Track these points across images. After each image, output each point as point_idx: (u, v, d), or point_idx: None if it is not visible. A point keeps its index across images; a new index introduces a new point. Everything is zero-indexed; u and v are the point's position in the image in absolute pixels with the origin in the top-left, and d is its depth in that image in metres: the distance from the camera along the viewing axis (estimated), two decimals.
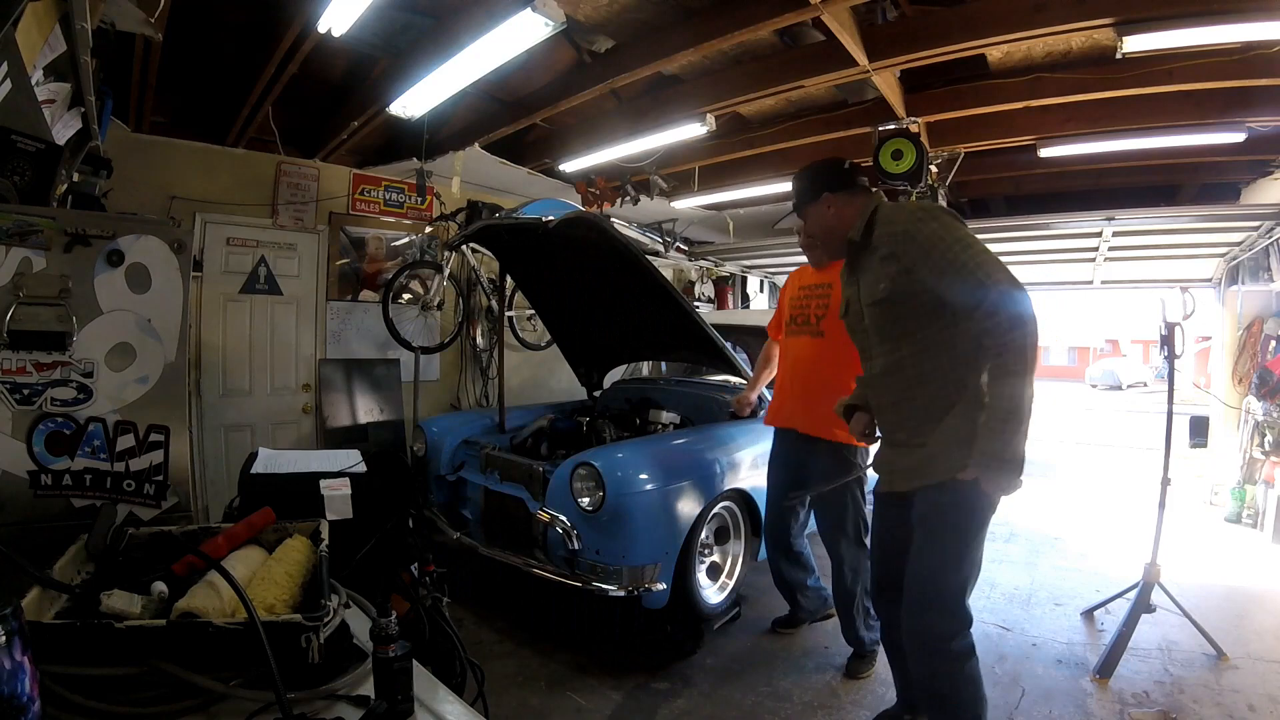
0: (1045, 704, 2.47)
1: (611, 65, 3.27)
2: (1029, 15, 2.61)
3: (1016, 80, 3.42)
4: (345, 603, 1.14)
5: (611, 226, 2.95)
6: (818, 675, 2.69)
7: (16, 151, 1.67)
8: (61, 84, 2.16)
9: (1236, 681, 2.63)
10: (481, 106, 4.00)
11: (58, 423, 1.44)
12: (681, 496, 2.73)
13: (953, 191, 4.66)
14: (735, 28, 2.74)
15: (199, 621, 0.92)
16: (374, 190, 4.76)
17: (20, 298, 1.40)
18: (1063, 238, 5.19)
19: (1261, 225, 4.32)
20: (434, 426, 3.59)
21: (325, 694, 0.91)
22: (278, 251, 4.33)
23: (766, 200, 5.61)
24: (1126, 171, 4.74)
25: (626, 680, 2.60)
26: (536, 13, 2.36)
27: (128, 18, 2.30)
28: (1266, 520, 4.66)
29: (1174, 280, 5.69)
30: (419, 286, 4.87)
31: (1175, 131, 3.66)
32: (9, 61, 1.59)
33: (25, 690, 0.69)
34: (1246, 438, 5.07)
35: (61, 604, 1.00)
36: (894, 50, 2.91)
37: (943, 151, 4.10)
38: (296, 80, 3.31)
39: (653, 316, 3.31)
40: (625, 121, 4.04)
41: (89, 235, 1.48)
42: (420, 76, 3.06)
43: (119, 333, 1.51)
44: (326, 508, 1.50)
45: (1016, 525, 5.03)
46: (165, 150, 3.86)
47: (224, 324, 4.11)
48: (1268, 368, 4.88)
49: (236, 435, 4.14)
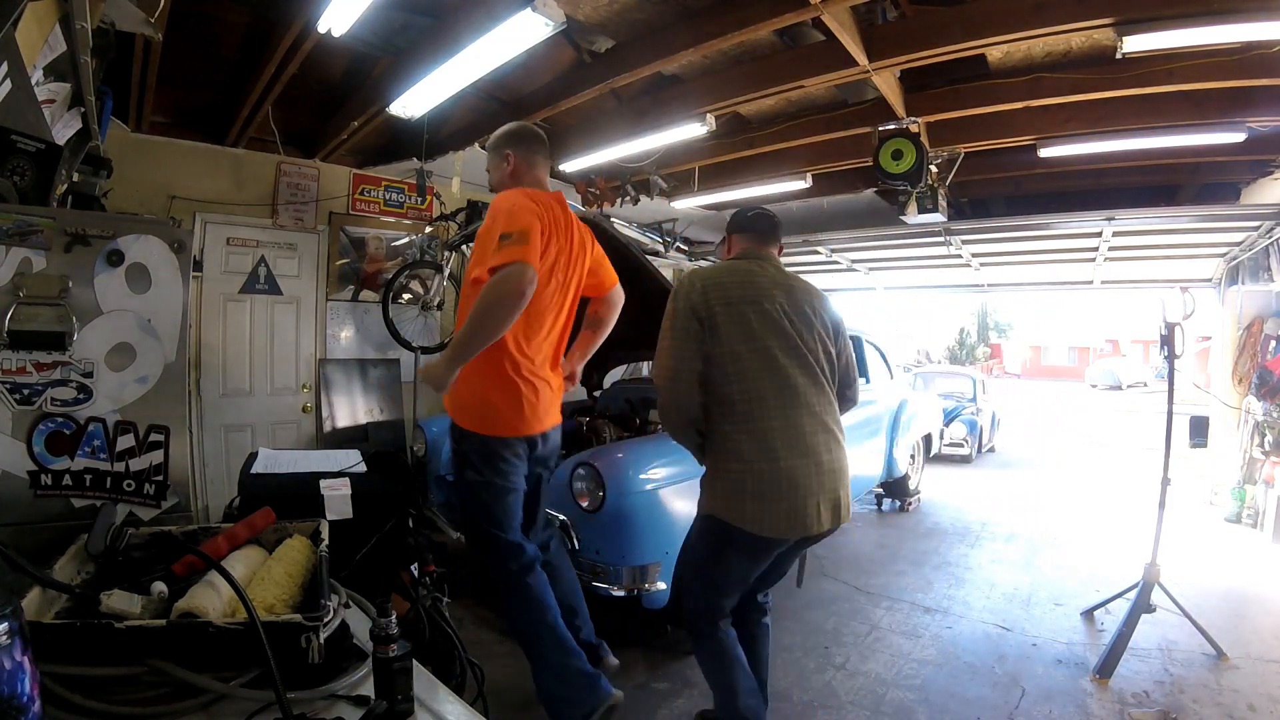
0: (1045, 704, 2.47)
1: (611, 65, 3.27)
2: (1029, 15, 2.61)
3: (1016, 80, 3.42)
4: (345, 603, 1.14)
5: (611, 226, 2.95)
6: (818, 675, 2.69)
7: (16, 151, 1.67)
8: (61, 84, 2.15)
9: (1236, 681, 2.63)
10: (481, 106, 3.99)
11: (58, 423, 1.44)
12: (681, 496, 2.73)
13: (953, 191, 4.66)
14: (735, 28, 2.74)
15: (199, 621, 0.92)
16: (374, 190, 4.76)
17: (20, 298, 1.40)
18: (1063, 238, 5.20)
19: (1261, 225, 4.33)
20: (434, 426, 3.59)
21: (325, 694, 0.91)
22: (278, 251, 4.33)
23: (766, 200, 5.61)
24: (1126, 171, 4.73)
25: (626, 680, 2.60)
26: (536, 13, 2.36)
27: (128, 18, 2.30)
28: (1266, 520, 4.66)
29: (1174, 280, 5.69)
30: (419, 286, 4.87)
31: (1175, 131, 3.65)
32: (9, 61, 1.59)
33: (25, 690, 0.69)
34: (1246, 438, 5.07)
35: (61, 604, 1.00)
36: (894, 50, 2.90)
37: (943, 151, 4.10)
38: (296, 80, 3.31)
39: (653, 316, 3.31)
40: (625, 121, 4.03)
41: (89, 235, 1.48)
42: (420, 76, 3.06)
43: (119, 333, 1.51)
44: (326, 508, 1.50)
45: (1016, 525, 5.04)
46: (165, 150, 3.86)
47: (224, 324, 4.11)
48: (1268, 368, 4.88)
49: (236, 435, 4.14)
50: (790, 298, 1.89)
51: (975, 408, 8.50)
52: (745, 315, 1.82)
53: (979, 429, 8.19)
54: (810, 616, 3.25)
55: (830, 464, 1.82)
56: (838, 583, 3.73)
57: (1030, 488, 6.65)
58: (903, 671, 2.72)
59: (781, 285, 1.92)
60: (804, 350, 1.84)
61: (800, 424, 1.79)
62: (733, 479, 1.78)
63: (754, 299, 1.84)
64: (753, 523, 1.75)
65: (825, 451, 1.81)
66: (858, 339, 4.91)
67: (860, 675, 2.69)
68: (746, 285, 1.87)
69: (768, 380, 1.79)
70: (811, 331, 1.88)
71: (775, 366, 1.79)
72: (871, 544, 4.50)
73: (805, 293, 1.96)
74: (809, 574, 3.83)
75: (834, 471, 1.83)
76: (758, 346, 1.80)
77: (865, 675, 2.69)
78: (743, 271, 1.92)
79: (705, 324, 1.80)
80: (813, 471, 1.77)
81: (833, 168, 4.70)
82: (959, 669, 2.75)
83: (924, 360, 25.61)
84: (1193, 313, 3.36)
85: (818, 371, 1.86)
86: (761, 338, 1.80)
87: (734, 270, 1.94)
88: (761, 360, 1.79)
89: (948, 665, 2.78)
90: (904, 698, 2.52)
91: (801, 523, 1.77)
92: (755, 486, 1.75)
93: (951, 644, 2.98)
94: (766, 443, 1.76)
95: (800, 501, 1.75)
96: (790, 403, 1.79)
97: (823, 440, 1.81)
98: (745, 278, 1.90)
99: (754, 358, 1.79)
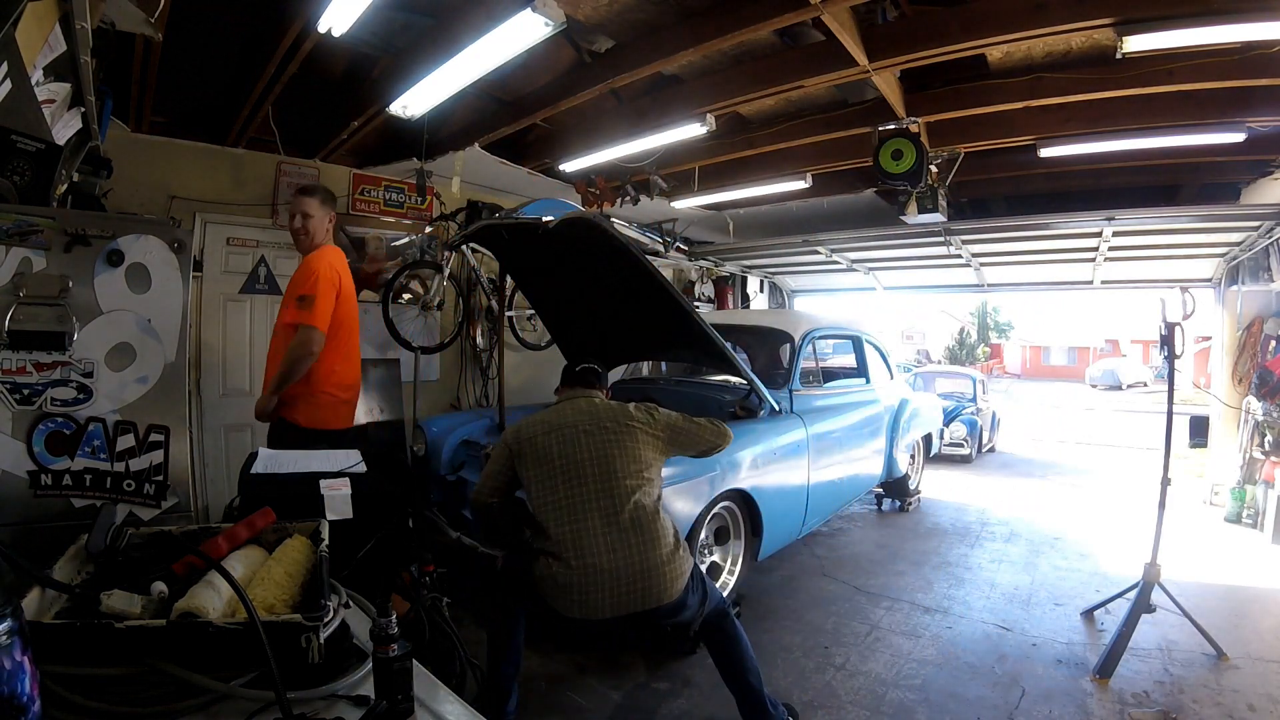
0: (1045, 704, 2.47)
1: (611, 65, 3.27)
2: (1029, 15, 2.61)
3: (1016, 80, 3.42)
4: (345, 603, 1.14)
5: (611, 226, 2.95)
6: (818, 675, 2.69)
7: (16, 151, 1.67)
8: (61, 84, 2.15)
9: (1236, 681, 2.63)
10: (481, 106, 4.00)
11: (58, 423, 1.44)
12: (681, 496, 2.73)
13: (953, 191, 4.66)
14: (735, 28, 2.74)
15: (199, 621, 0.92)
16: (374, 190, 4.76)
17: (20, 298, 1.40)
18: (1063, 238, 5.20)
19: (1261, 225, 4.33)
20: (434, 426, 3.59)
21: (325, 694, 0.91)
22: (278, 251, 4.33)
23: (766, 200, 5.61)
24: (1126, 171, 4.73)
25: (626, 680, 2.60)
26: (536, 13, 2.36)
27: (128, 18, 2.30)
28: (1266, 520, 4.66)
29: (1174, 280, 5.68)
30: (419, 286, 4.86)
31: (1175, 131, 3.65)
32: (9, 61, 1.59)
33: (25, 690, 0.69)
34: (1246, 438, 5.07)
35: (61, 604, 1.00)
36: (894, 50, 2.90)
37: (943, 151, 4.10)
38: (296, 80, 3.31)
39: (653, 317, 3.31)
40: (625, 121, 4.03)
41: (89, 235, 1.48)
42: (420, 76, 3.06)
43: (119, 333, 1.51)
44: (326, 508, 1.50)
45: (1016, 525, 5.04)
46: (165, 150, 3.86)
47: (224, 324, 4.11)
48: (1268, 368, 4.88)
49: (236, 435, 4.13)
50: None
51: (975, 408, 8.50)
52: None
53: (979, 429, 8.19)
54: (810, 616, 3.25)
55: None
56: (838, 583, 3.73)
57: (1030, 488, 6.65)
58: (903, 671, 2.72)
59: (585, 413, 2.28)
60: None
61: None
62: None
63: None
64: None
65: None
66: (858, 339, 4.91)
67: (860, 675, 2.69)
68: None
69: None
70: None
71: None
72: (871, 544, 4.50)
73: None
74: (809, 574, 3.86)
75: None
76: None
77: (865, 675, 2.69)
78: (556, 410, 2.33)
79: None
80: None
81: (833, 168, 4.70)
82: (959, 669, 2.75)
83: (924, 360, 25.62)
84: (1193, 313, 3.36)
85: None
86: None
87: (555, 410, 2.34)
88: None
89: (948, 665, 2.78)
90: (904, 698, 2.52)
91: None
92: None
93: (951, 644, 2.98)
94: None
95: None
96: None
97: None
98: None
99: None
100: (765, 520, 3.20)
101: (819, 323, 4.51)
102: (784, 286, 8.39)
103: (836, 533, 4.71)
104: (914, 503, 5.49)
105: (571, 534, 2.05)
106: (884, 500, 5.44)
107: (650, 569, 2.04)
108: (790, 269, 7.63)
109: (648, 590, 2.03)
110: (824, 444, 3.75)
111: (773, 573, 3.78)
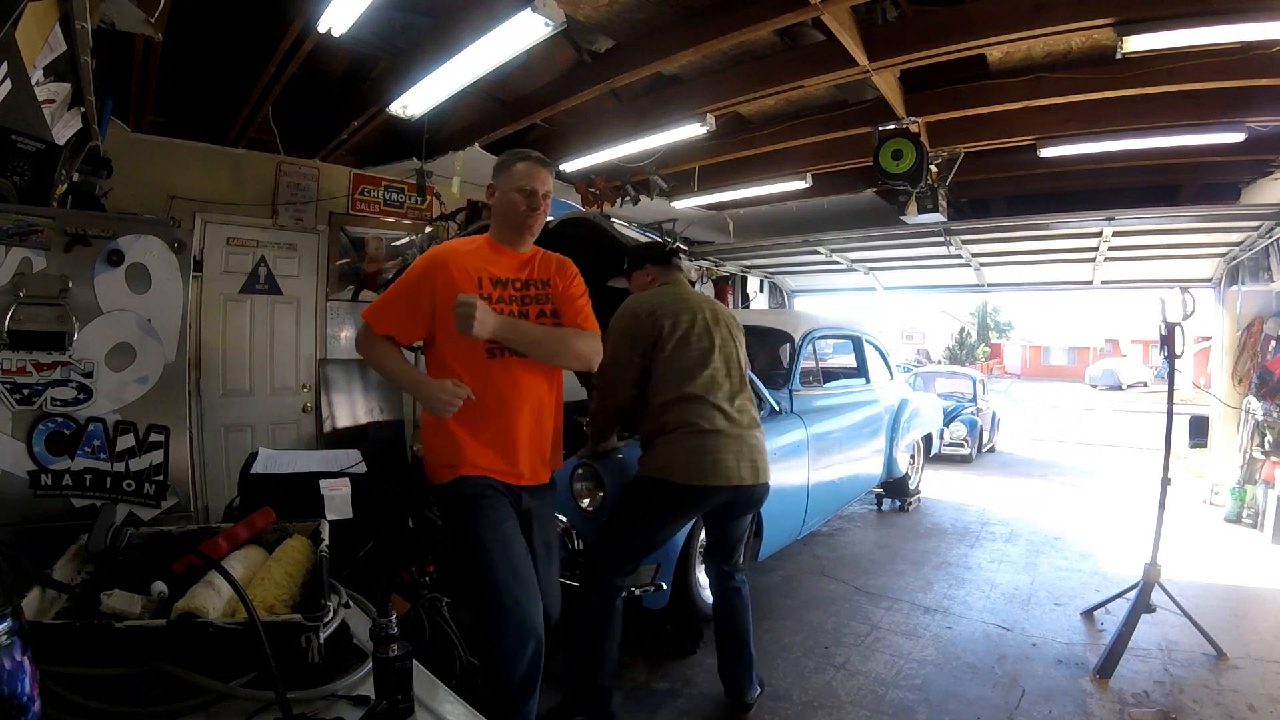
0: (1045, 704, 2.47)
1: (611, 65, 3.27)
2: (1029, 15, 2.61)
3: (1016, 80, 3.42)
4: (345, 603, 1.14)
5: (612, 226, 2.95)
6: (818, 675, 2.69)
7: (16, 151, 1.67)
8: (61, 84, 2.16)
9: (1236, 681, 2.63)
10: (481, 106, 3.99)
11: (58, 423, 1.44)
12: None
13: (953, 191, 4.66)
14: (735, 28, 2.74)
15: (199, 621, 0.92)
16: (374, 190, 4.76)
17: (20, 298, 1.40)
18: (1063, 238, 5.19)
19: (1261, 225, 4.32)
20: None
21: (325, 694, 0.91)
22: (278, 251, 4.33)
23: (766, 200, 5.61)
24: (1126, 171, 4.73)
25: (626, 680, 2.60)
26: (536, 13, 2.36)
27: (128, 18, 2.30)
28: (1266, 520, 4.66)
29: (1174, 280, 5.68)
30: None
31: (1175, 131, 3.65)
32: (9, 61, 1.59)
33: (25, 690, 0.69)
34: (1246, 438, 5.07)
35: (61, 604, 1.00)
36: (894, 50, 2.90)
37: (943, 151, 4.10)
38: (296, 80, 3.31)
39: None
40: (625, 121, 4.03)
41: (89, 235, 1.48)
42: (420, 76, 3.06)
43: (119, 333, 1.51)
44: (326, 508, 1.50)
45: (1016, 525, 5.04)
46: (165, 150, 3.86)
47: (224, 324, 4.11)
48: (1268, 368, 4.88)
49: (236, 435, 4.14)
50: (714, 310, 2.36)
51: (975, 408, 8.50)
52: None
53: (979, 429, 8.19)
54: (810, 616, 3.25)
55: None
56: (838, 583, 3.73)
57: (1030, 488, 6.65)
58: (903, 671, 2.72)
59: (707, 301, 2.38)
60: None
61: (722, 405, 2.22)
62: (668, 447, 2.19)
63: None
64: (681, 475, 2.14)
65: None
66: (858, 339, 4.91)
67: (860, 675, 2.69)
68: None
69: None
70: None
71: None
72: (871, 544, 4.50)
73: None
74: (809, 574, 3.85)
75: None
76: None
77: (865, 675, 2.69)
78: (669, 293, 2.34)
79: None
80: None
81: (833, 168, 4.70)
82: (959, 669, 2.75)
83: (924, 360, 25.61)
84: (1193, 313, 3.36)
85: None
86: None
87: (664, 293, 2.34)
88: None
89: (948, 665, 2.78)
90: (904, 698, 2.52)
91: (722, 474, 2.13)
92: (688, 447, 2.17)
93: (951, 644, 2.98)
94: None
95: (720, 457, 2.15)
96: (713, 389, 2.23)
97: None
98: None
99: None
100: (765, 520, 3.19)
101: (819, 323, 4.51)
102: (784, 286, 8.39)
103: (836, 533, 4.71)
104: (914, 503, 5.49)
105: (711, 405, 2.17)
106: (884, 500, 5.44)
107: (761, 449, 2.26)
108: (790, 269, 7.62)
109: (761, 466, 2.23)
110: (824, 444, 3.75)
111: (773, 573, 3.78)
